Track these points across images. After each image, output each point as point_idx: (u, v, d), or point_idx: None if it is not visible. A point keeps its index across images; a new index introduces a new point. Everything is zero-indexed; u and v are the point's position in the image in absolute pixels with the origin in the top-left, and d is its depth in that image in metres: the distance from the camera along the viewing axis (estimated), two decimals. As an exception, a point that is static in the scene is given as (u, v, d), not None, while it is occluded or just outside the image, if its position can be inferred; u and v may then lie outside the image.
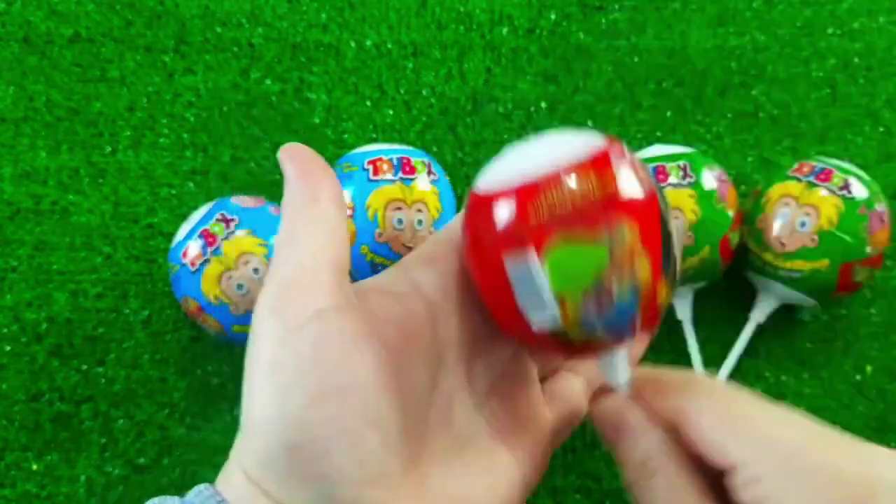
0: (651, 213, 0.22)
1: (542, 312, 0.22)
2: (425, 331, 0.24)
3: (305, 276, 0.22)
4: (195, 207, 0.40)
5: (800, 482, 0.20)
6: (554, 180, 0.22)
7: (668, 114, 0.48)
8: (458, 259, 0.26)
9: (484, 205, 0.23)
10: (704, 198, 0.39)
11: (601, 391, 0.26)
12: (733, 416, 0.22)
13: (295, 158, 0.24)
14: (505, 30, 0.49)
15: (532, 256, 0.22)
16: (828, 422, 0.21)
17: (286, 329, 0.22)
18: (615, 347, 0.24)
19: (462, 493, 0.24)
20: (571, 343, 0.23)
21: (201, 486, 0.23)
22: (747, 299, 0.43)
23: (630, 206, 0.22)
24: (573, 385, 0.30)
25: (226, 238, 0.37)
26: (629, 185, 0.22)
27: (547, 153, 0.23)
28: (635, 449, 0.23)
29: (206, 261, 0.37)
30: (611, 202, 0.22)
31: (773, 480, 0.20)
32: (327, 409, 0.21)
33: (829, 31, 0.50)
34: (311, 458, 0.21)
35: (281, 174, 0.24)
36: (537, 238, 0.22)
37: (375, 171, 0.38)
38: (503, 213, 0.22)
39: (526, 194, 0.22)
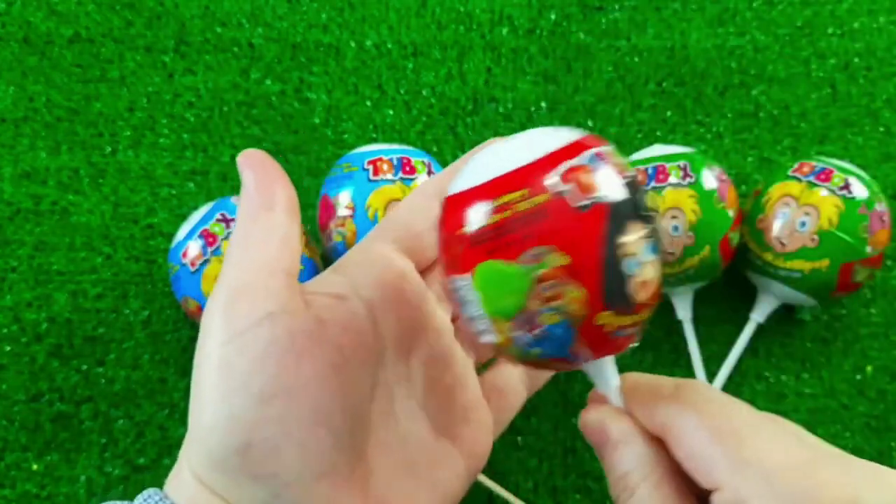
0: (588, 237, 0.19)
1: (482, 330, 0.21)
2: (367, 330, 0.25)
3: (257, 280, 0.23)
4: (195, 207, 0.40)
5: None
6: (493, 188, 0.19)
7: (668, 114, 0.48)
8: (390, 256, 0.27)
9: (443, 206, 0.22)
10: (705, 198, 0.39)
11: (594, 398, 0.25)
12: (721, 436, 0.21)
13: (252, 165, 0.24)
14: (505, 30, 0.49)
15: (465, 275, 0.20)
16: (828, 422, 0.21)
17: (236, 331, 0.22)
18: (570, 366, 0.22)
19: (407, 487, 0.25)
20: (517, 360, 0.22)
21: (150, 491, 0.23)
22: (747, 299, 0.43)
23: (558, 228, 0.19)
24: (510, 373, 0.31)
25: (226, 238, 0.37)
26: (566, 200, 0.19)
27: (510, 153, 0.20)
28: (618, 462, 0.23)
29: (207, 261, 0.37)
30: (536, 221, 0.19)
31: None
32: (277, 409, 0.22)
33: (829, 31, 0.50)
34: (261, 456, 0.21)
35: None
36: (468, 254, 0.20)
37: (375, 172, 0.38)
38: (449, 219, 0.20)
39: (463, 201, 0.20)
